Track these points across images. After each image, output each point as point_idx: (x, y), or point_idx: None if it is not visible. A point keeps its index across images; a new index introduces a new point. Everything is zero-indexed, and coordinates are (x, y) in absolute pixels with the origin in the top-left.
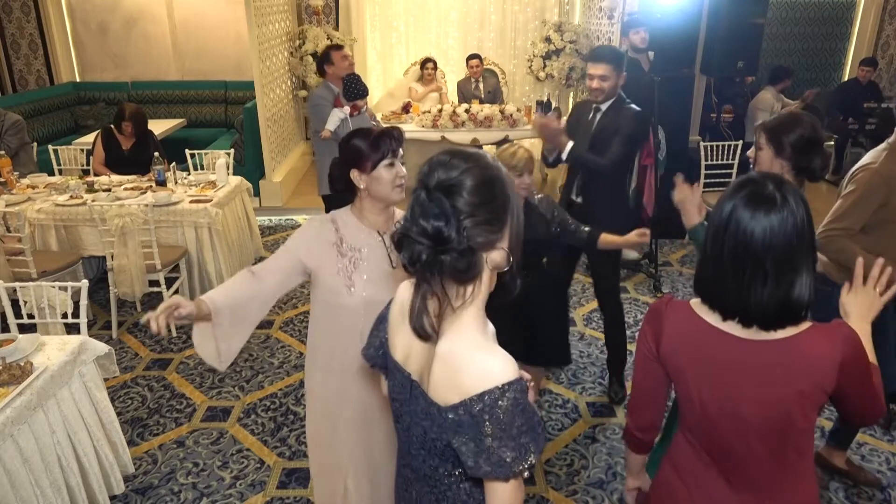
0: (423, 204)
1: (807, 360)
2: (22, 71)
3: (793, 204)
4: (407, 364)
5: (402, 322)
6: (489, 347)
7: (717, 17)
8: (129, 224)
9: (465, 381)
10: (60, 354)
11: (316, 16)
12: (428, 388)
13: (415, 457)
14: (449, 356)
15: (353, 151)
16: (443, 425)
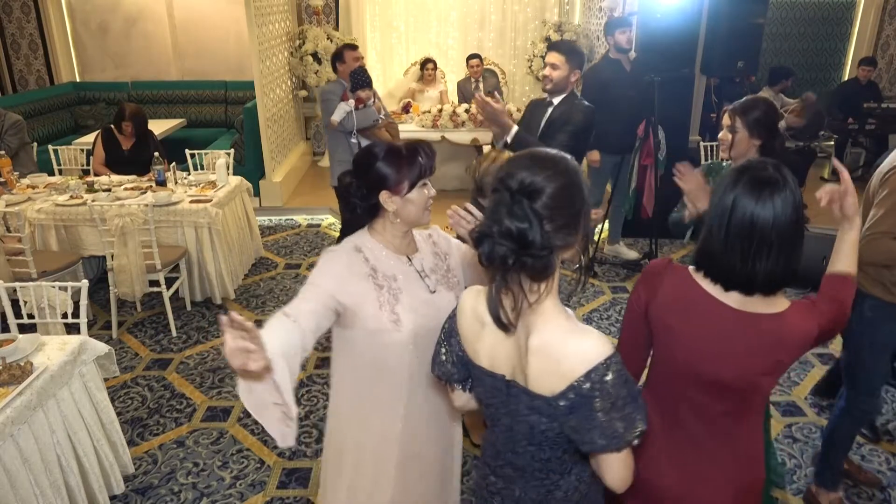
0: (508, 206)
1: (792, 335)
2: (22, 71)
3: (791, 183)
4: (494, 367)
5: (482, 328)
6: (580, 329)
7: (717, 17)
8: (129, 224)
9: (567, 366)
10: (60, 354)
11: (316, 16)
12: (528, 384)
13: (521, 454)
14: (544, 348)
15: (385, 172)
16: (553, 414)
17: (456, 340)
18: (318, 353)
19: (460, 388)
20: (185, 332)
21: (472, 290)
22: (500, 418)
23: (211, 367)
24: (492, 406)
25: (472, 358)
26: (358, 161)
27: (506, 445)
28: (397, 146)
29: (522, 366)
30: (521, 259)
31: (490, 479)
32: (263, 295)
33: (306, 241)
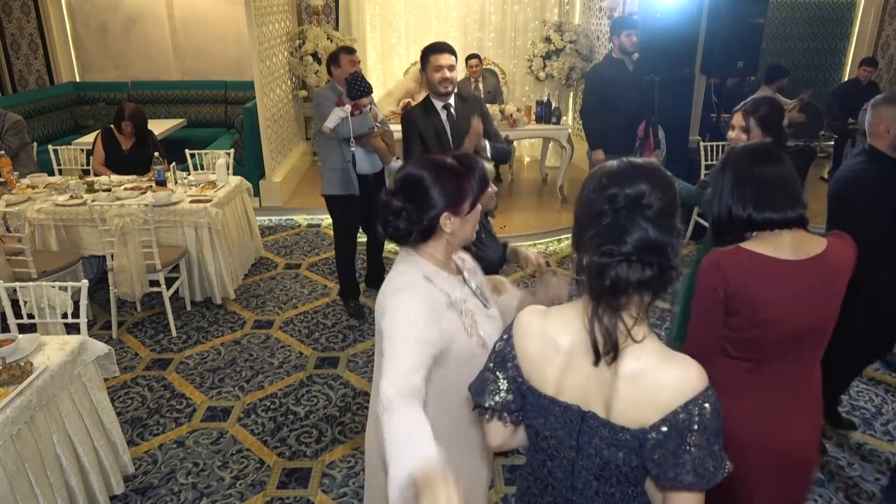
0: (637, 223)
1: (840, 263)
2: (22, 71)
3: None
4: (565, 396)
5: (556, 354)
6: (677, 356)
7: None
8: (129, 224)
9: (665, 396)
10: (60, 354)
11: (316, 16)
12: (610, 415)
13: (580, 490)
14: (639, 375)
15: (448, 194)
16: (638, 448)
17: (513, 365)
18: (318, 353)
19: (509, 422)
20: (185, 332)
21: (533, 311)
22: (560, 452)
23: (211, 367)
24: (552, 439)
25: (538, 386)
26: (410, 182)
27: (562, 481)
28: (452, 164)
29: (606, 395)
30: (662, 275)
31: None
32: (263, 295)
33: (306, 241)
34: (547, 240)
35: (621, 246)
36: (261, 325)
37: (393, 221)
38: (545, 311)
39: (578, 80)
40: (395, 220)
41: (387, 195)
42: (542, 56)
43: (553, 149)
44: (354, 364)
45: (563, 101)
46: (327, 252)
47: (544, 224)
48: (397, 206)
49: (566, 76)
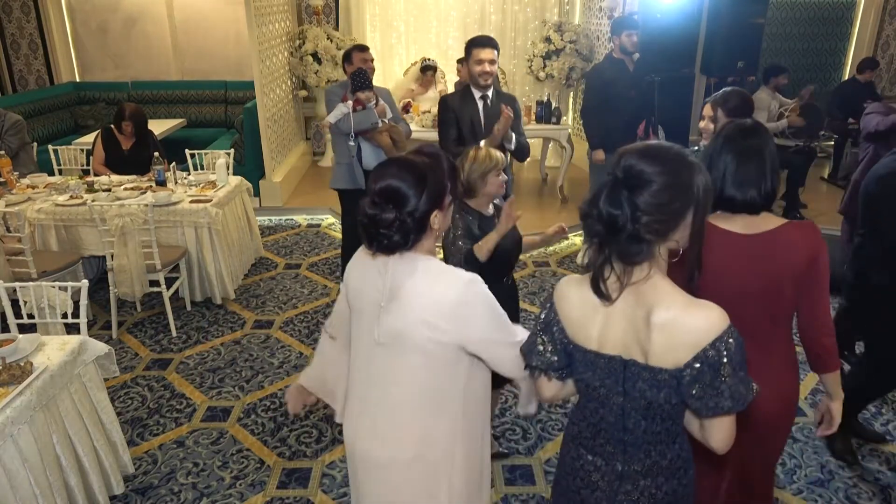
0: (608, 190)
1: (789, 244)
2: (22, 71)
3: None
4: (608, 349)
5: (595, 313)
6: (697, 301)
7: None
8: (129, 224)
9: (693, 337)
10: (60, 354)
11: (316, 16)
12: (649, 359)
13: (631, 430)
14: (669, 323)
15: (437, 188)
16: (676, 385)
17: (558, 329)
18: None
19: (556, 378)
20: (185, 332)
21: (571, 280)
22: (609, 398)
23: (211, 367)
24: (601, 388)
25: (583, 343)
26: (394, 192)
27: (614, 424)
28: (423, 162)
29: (642, 343)
30: (611, 242)
31: (587, 459)
32: (263, 295)
33: (306, 241)
34: None
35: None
36: (261, 325)
37: (386, 234)
38: (581, 278)
39: (578, 80)
40: (388, 232)
41: (372, 210)
42: (542, 56)
43: (553, 149)
44: None
45: (563, 101)
46: (327, 252)
47: (544, 224)
48: (389, 219)
49: (566, 76)
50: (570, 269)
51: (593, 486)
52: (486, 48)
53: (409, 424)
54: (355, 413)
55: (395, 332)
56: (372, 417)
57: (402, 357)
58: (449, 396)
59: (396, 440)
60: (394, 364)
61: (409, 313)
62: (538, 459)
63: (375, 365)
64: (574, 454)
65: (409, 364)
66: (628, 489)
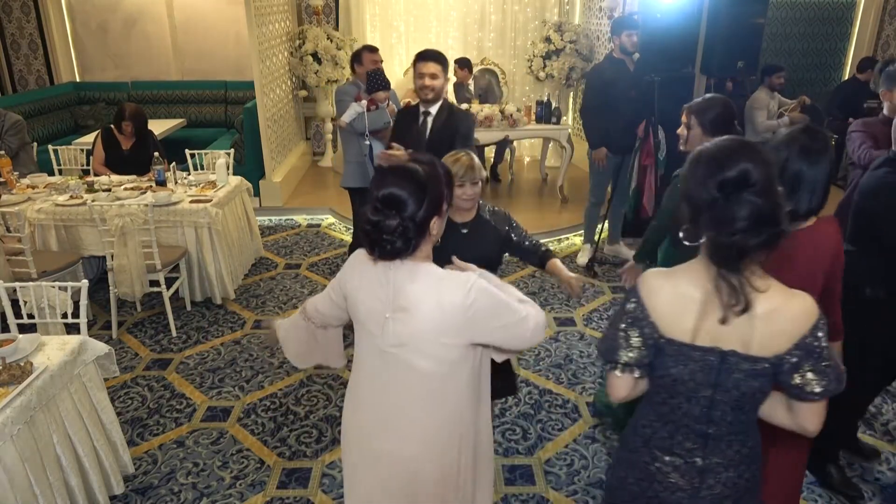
0: (745, 200)
1: (825, 237)
2: (22, 71)
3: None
4: (700, 341)
5: (694, 307)
6: (793, 291)
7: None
8: (129, 224)
9: (794, 325)
10: (60, 354)
11: (316, 16)
12: (750, 349)
13: (717, 422)
14: (772, 313)
15: (437, 195)
16: (773, 374)
17: (648, 324)
18: None
19: (638, 375)
20: (185, 332)
21: (658, 274)
22: (698, 391)
23: (211, 367)
24: (690, 382)
25: (677, 337)
26: (397, 200)
27: (698, 418)
28: (422, 170)
29: (743, 334)
30: (775, 236)
31: (664, 461)
32: (263, 295)
33: (306, 241)
34: (547, 240)
35: (737, 224)
36: (261, 325)
37: (389, 240)
38: (668, 271)
39: (578, 80)
40: (391, 238)
41: (375, 216)
42: (542, 56)
43: (553, 149)
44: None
45: (563, 101)
46: (327, 252)
47: (544, 224)
48: (392, 225)
49: (566, 76)
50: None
51: (673, 487)
52: (429, 62)
53: (426, 421)
54: (370, 418)
55: (403, 341)
56: (391, 420)
57: (412, 362)
58: (458, 389)
59: (418, 438)
60: (404, 369)
61: (416, 322)
62: (538, 459)
63: (386, 371)
64: (647, 458)
65: (420, 368)
66: (711, 483)
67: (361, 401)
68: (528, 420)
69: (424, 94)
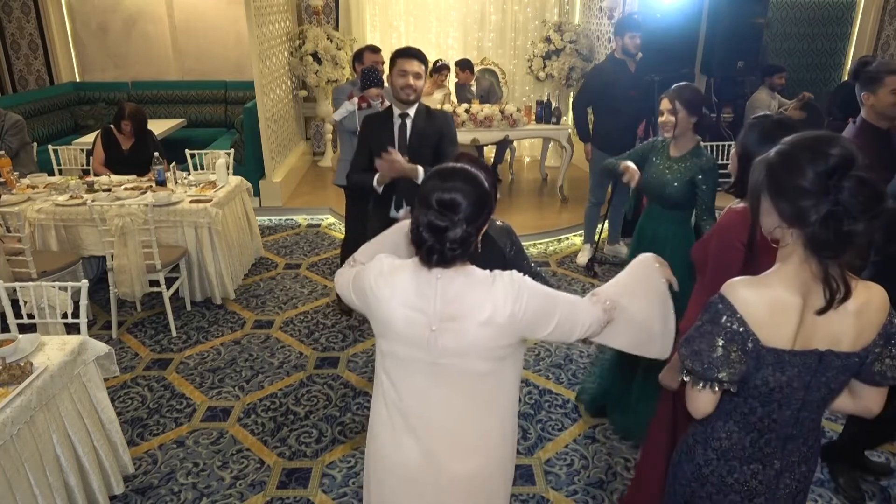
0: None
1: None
2: (22, 71)
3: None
4: (798, 346)
5: (791, 312)
6: (866, 283)
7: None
8: (129, 224)
9: (880, 316)
10: (60, 354)
11: (316, 16)
12: (842, 346)
13: (803, 422)
14: (864, 307)
15: (492, 204)
16: (858, 367)
17: (751, 337)
18: (318, 353)
19: (729, 389)
20: (185, 332)
21: (747, 283)
22: (791, 395)
23: (211, 367)
24: (786, 388)
25: (780, 345)
26: (461, 207)
27: (787, 420)
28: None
29: (835, 332)
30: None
31: (743, 470)
32: (263, 295)
33: (306, 241)
34: (547, 240)
35: (855, 211)
36: (261, 325)
37: (451, 248)
38: (756, 280)
39: (578, 80)
40: (454, 247)
41: (441, 222)
42: (542, 56)
43: (553, 149)
44: (354, 364)
45: (563, 101)
46: (327, 252)
47: (544, 224)
48: (458, 234)
49: (566, 76)
50: (570, 269)
51: (752, 492)
52: (413, 60)
53: (475, 433)
54: (426, 445)
55: (454, 352)
56: (451, 438)
57: (468, 368)
58: (511, 381)
59: (472, 452)
60: (459, 376)
61: (469, 333)
62: (538, 459)
63: (438, 386)
64: (725, 470)
65: (479, 370)
66: (787, 482)
67: (402, 416)
68: (528, 420)
69: (406, 94)
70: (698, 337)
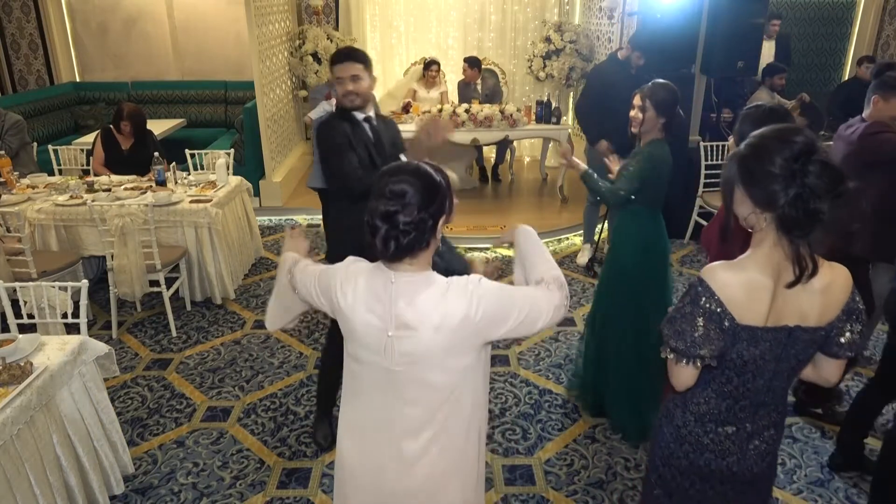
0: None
1: None
2: (22, 71)
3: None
4: (770, 322)
5: (766, 293)
6: (830, 263)
7: (717, 17)
8: (129, 224)
9: (843, 294)
10: (60, 354)
11: (316, 16)
12: (809, 322)
13: (774, 390)
14: (828, 286)
15: (444, 197)
16: (824, 340)
17: (726, 317)
18: (318, 353)
19: (709, 364)
20: (185, 332)
21: (723, 267)
22: (763, 367)
23: (211, 367)
24: (759, 360)
25: (753, 322)
26: (410, 195)
27: (759, 389)
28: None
29: (803, 309)
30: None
31: (718, 431)
32: (263, 295)
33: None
34: (547, 240)
35: (819, 190)
36: (261, 325)
37: (406, 231)
38: (732, 264)
39: (578, 80)
40: (408, 230)
41: (391, 206)
42: (542, 56)
43: (553, 149)
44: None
45: (563, 101)
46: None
47: (544, 224)
48: (408, 218)
49: (566, 76)
50: (570, 270)
51: (724, 452)
52: (346, 63)
53: (451, 436)
54: (384, 453)
55: (411, 357)
56: (411, 448)
57: (426, 378)
58: (476, 388)
59: (432, 455)
60: (418, 386)
61: (423, 341)
62: (538, 459)
63: (395, 393)
64: (700, 431)
65: (436, 382)
66: (757, 444)
67: (367, 434)
68: (528, 420)
69: (351, 100)
70: (680, 318)
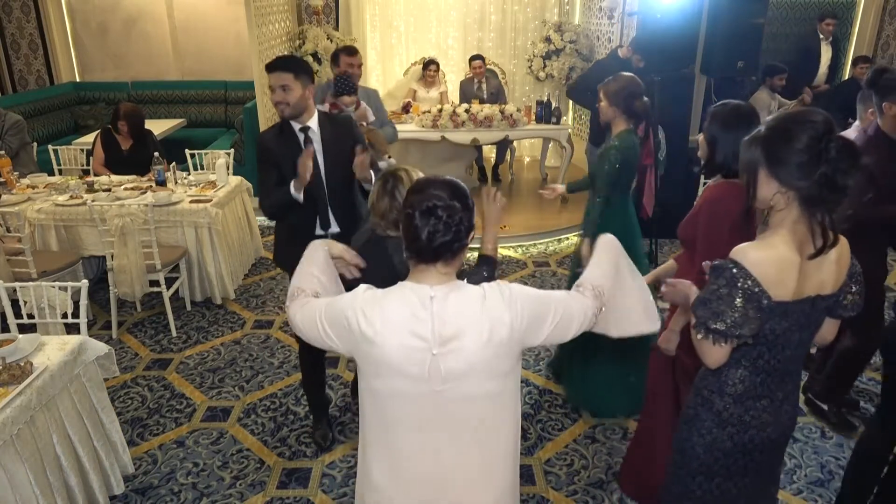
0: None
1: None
2: (22, 71)
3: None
4: (797, 295)
5: (792, 268)
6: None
7: (717, 17)
8: (129, 224)
9: (849, 260)
10: (60, 354)
11: (316, 16)
12: (826, 290)
13: (800, 357)
14: (841, 256)
15: (472, 208)
16: (839, 299)
17: (763, 295)
18: None
19: (744, 341)
20: (185, 332)
21: (754, 247)
22: (793, 336)
23: (211, 367)
24: (790, 331)
25: (784, 298)
26: (444, 205)
27: (790, 358)
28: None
29: (821, 279)
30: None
31: (756, 406)
32: (263, 295)
33: None
34: (547, 240)
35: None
36: (261, 325)
37: (450, 227)
38: (761, 244)
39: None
40: (451, 222)
41: (438, 202)
42: (542, 56)
43: (553, 149)
44: (354, 364)
45: (563, 101)
46: None
47: (544, 224)
48: (455, 218)
49: (566, 76)
50: (569, 269)
51: (764, 424)
52: (274, 72)
53: (484, 464)
54: (431, 485)
55: (457, 374)
56: (460, 471)
57: (472, 391)
58: (508, 415)
59: (481, 485)
60: (463, 401)
61: (469, 352)
62: (538, 459)
63: (439, 416)
64: (741, 411)
65: (484, 392)
66: (787, 408)
67: (408, 468)
68: (528, 420)
69: (280, 110)
70: (716, 300)
